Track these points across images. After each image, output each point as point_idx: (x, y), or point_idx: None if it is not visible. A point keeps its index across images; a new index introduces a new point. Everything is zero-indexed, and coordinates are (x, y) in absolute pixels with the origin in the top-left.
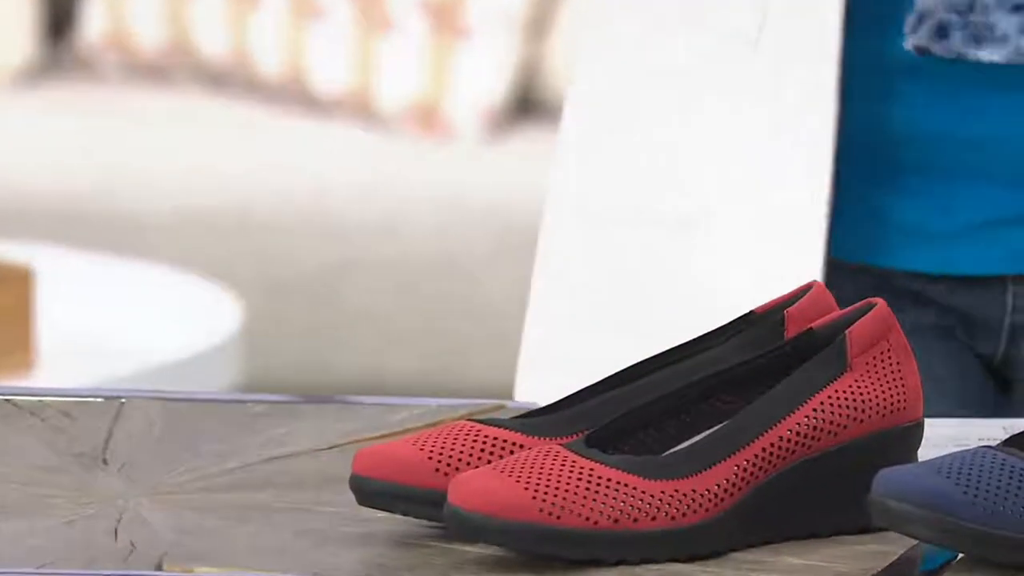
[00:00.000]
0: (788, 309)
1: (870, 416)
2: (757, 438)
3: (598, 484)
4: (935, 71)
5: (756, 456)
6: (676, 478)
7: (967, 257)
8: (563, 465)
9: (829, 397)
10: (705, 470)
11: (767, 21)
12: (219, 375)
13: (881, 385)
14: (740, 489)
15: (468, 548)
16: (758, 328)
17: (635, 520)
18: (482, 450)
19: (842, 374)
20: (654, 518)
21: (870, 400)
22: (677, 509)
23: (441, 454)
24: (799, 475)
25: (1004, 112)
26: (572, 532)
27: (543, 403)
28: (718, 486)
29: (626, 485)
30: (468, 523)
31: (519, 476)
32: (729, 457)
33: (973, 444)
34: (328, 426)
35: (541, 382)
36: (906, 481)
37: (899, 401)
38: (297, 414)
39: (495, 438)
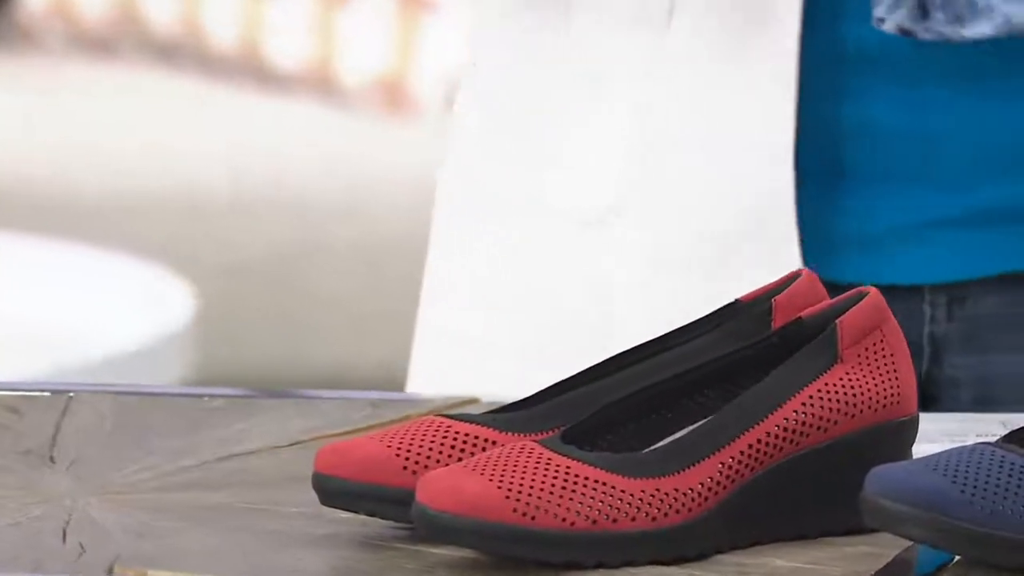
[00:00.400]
0: (776, 298)
1: (862, 410)
2: (743, 434)
3: (575, 483)
4: (892, 62)
5: (742, 453)
6: (657, 476)
7: (887, 266)
8: (538, 462)
9: (819, 390)
10: (688, 468)
11: (675, 5)
12: (171, 367)
13: (874, 378)
14: (725, 488)
15: (438, 550)
16: (744, 318)
17: (614, 521)
18: (452, 447)
19: (832, 366)
20: (634, 519)
21: (862, 394)
22: (659, 509)
23: (409, 451)
24: (787, 473)
25: (955, 107)
26: (547, 533)
27: (434, 389)
28: (702, 485)
29: (604, 484)
30: (437, 523)
31: (491, 474)
32: (713, 454)
33: (970, 440)
34: (289, 422)
35: (433, 367)
36: (900, 479)
37: (892, 395)
38: (256, 409)
39: (466, 434)
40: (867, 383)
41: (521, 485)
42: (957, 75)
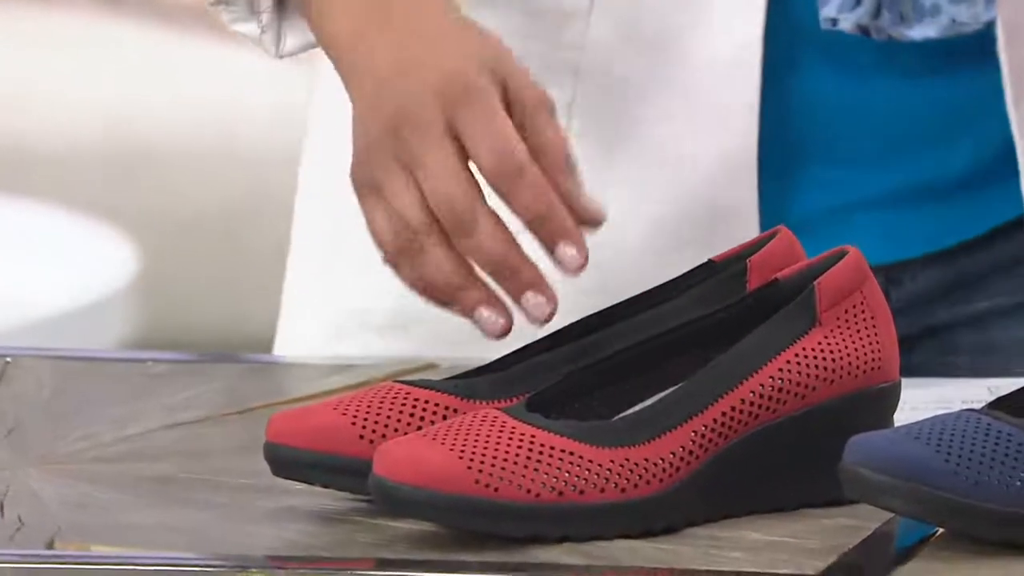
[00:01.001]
0: (751, 258)
1: (841, 376)
2: (716, 401)
3: (540, 453)
4: (843, 46)
5: (715, 421)
6: (627, 446)
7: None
8: (501, 431)
9: (796, 355)
10: (659, 437)
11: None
12: (112, 328)
13: (854, 342)
14: (698, 457)
15: (397, 523)
16: (718, 279)
17: (581, 492)
18: (411, 415)
19: (810, 330)
20: (603, 490)
21: (842, 358)
22: (628, 480)
23: (366, 419)
24: (763, 442)
25: (876, 85)
26: (511, 506)
27: (305, 351)
28: (673, 454)
29: (571, 454)
30: (395, 495)
31: (452, 444)
32: (685, 422)
33: (956, 407)
34: (238, 388)
35: (299, 330)
36: (881, 448)
37: (873, 359)
38: (203, 374)
39: (426, 401)
40: (847, 347)
41: (484, 455)
42: (892, 57)
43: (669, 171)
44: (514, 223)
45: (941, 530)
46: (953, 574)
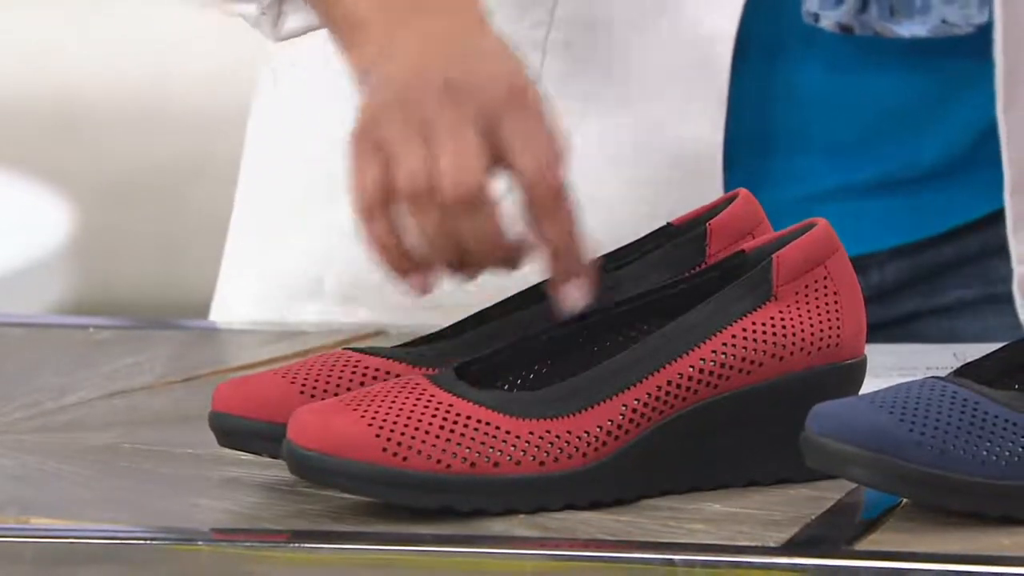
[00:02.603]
0: (711, 221)
1: (792, 353)
2: (652, 374)
3: (455, 422)
4: (823, 38)
5: (649, 395)
6: (549, 418)
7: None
8: (418, 399)
9: (744, 330)
10: (585, 410)
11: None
12: (45, 291)
13: (810, 318)
14: (628, 432)
15: (346, 495)
16: (677, 242)
17: (496, 464)
18: (361, 383)
19: (764, 304)
20: (519, 462)
21: (794, 335)
22: (547, 453)
23: (315, 388)
24: (703, 418)
25: (853, 75)
26: (420, 476)
27: (244, 316)
28: (600, 428)
29: (488, 424)
30: (305, 462)
31: (364, 410)
32: (617, 395)
33: (920, 373)
34: (182, 355)
35: (239, 295)
36: (844, 417)
37: (830, 336)
38: (146, 341)
39: (376, 369)
40: (802, 323)
41: (395, 423)
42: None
43: (628, 161)
44: None
45: (906, 500)
46: (918, 544)
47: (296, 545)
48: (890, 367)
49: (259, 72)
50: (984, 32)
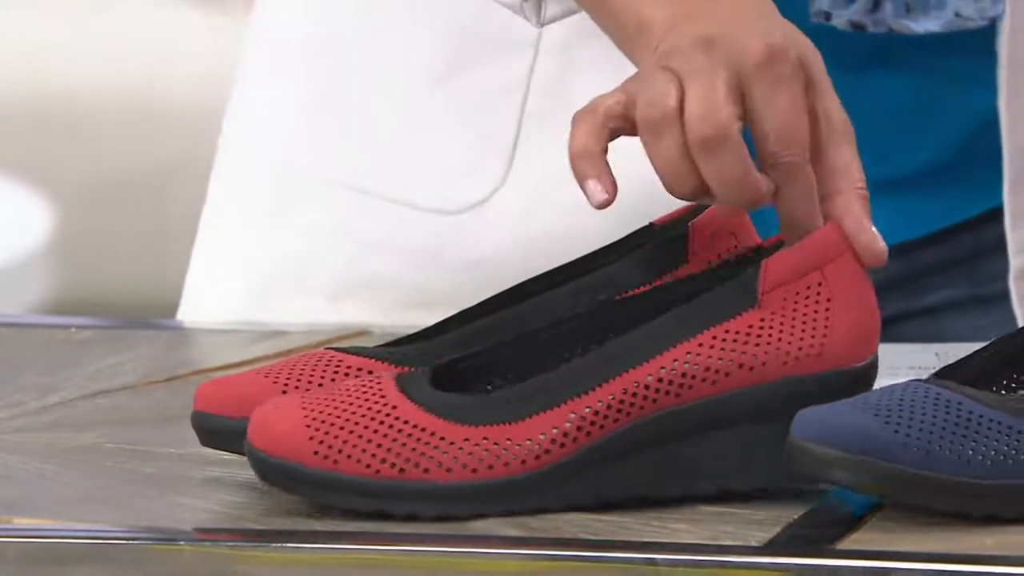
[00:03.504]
0: (693, 221)
1: (764, 363)
2: (605, 382)
3: (390, 426)
4: (830, 40)
5: (601, 404)
6: (491, 424)
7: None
8: (365, 400)
9: (714, 338)
10: (530, 417)
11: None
12: (28, 291)
13: (793, 326)
14: (577, 441)
15: None
16: (658, 242)
17: (426, 471)
18: None
19: (746, 310)
20: (449, 469)
21: (769, 343)
22: (481, 460)
23: (296, 387)
24: (665, 427)
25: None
26: (349, 480)
27: (212, 314)
28: (543, 436)
29: (423, 429)
30: (253, 460)
31: (309, 410)
32: (564, 403)
33: (903, 374)
34: (165, 355)
35: (209, 292)
36: (827, 421)
37: (811, 346)
38: (129, 341)
39: (358, 369)
40: (782, 332)
41: (331, 425)
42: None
43: (625, 158)
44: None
45: (887, 501)
46: (901, 544)
47: (279, 545)
48: None
49: (237, 72)
50: (983, 29)
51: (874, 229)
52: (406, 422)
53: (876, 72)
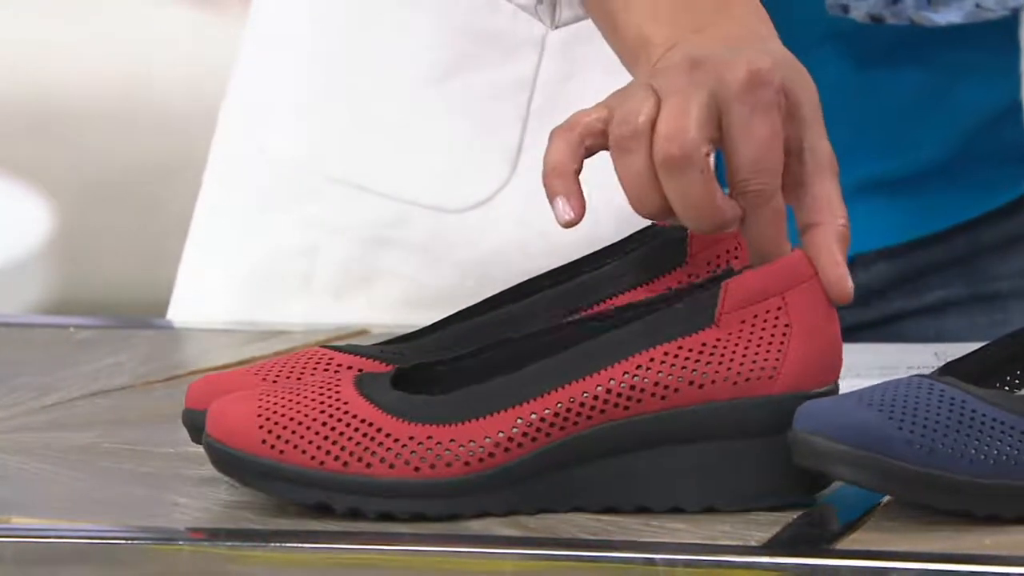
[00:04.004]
0: None
1: (714, 381)
2: (555, 390)
3: (338, 420)
4: (850, 39)
5: (548, 411)
6: (436, 423)
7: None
8: (315, 394)
9: (666, 354)
10: (476, 419)
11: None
12: (25, 290)
13: (747, 348)
14: (522, 446)
15: None
16: (657, 244)
17: (368, 465)
18: None
19: (703, 329)
20: (392, 465)
21: (721, 363)
22: (423, 459)
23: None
24: (615, 438)
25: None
26: (293, 470)
27: (199, 316)
28: (488, 439)
29: (370, 425)
30: (208, 449)
31: (261, 401)
32: (512, 408)
33: (901, 372)
34: (163, 354)
35: (204, 290)
36: (832, 415)
37: (763, 369)
38: (127, 341)
39: (349, 367)
40: (735, 353)
41: (282, 416)
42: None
43: None
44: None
45: (887, 498)
46: (900, 543)
47: (276, 544)
48: (871, 366)
49: (233, 72)
50: (999, 21)
51: (845, 268)
52: (354, 416)
53: (885, 68)
